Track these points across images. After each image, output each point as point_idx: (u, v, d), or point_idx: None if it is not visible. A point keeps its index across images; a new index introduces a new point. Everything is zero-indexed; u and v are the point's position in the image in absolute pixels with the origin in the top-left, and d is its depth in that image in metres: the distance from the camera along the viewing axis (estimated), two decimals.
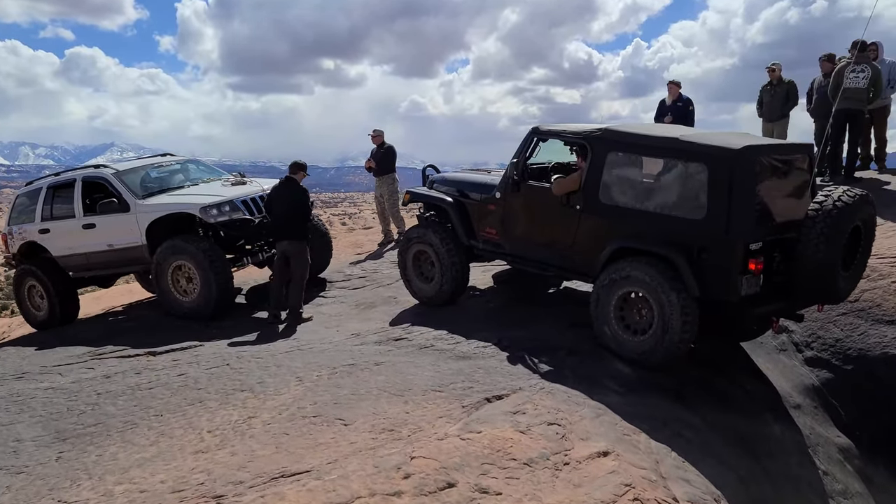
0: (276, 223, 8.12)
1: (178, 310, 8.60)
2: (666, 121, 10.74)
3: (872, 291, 7.19)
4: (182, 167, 9.86)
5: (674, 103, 11.00)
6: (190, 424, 5.12)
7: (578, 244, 6.49)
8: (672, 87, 11.04)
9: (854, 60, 9.68)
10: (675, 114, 10.85)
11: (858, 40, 9.78)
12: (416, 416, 4.77)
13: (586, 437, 4.57)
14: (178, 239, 8.43)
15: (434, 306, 7.78)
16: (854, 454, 6.54)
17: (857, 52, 9.71)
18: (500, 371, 5.69)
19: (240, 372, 6.16)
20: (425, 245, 7.69)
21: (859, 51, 9.71)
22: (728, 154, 5.55)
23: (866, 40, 9.81)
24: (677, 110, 10.90)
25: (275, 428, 4.76)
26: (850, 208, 5.65)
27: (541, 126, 7.00)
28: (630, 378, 5.78)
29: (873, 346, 6.97)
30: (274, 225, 8.18)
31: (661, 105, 11.19)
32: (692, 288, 5.60)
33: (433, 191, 7.95)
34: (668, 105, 11.06)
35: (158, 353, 7.20)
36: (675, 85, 11.04)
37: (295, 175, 8.16)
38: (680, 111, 10.90)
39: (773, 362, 7.14)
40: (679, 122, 10.61)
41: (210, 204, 8.38)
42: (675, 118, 10.72)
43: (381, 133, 11.60)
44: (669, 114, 10.90)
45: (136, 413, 5.54)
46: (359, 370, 5.79)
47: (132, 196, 8.78)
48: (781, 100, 10.61)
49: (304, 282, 8.14)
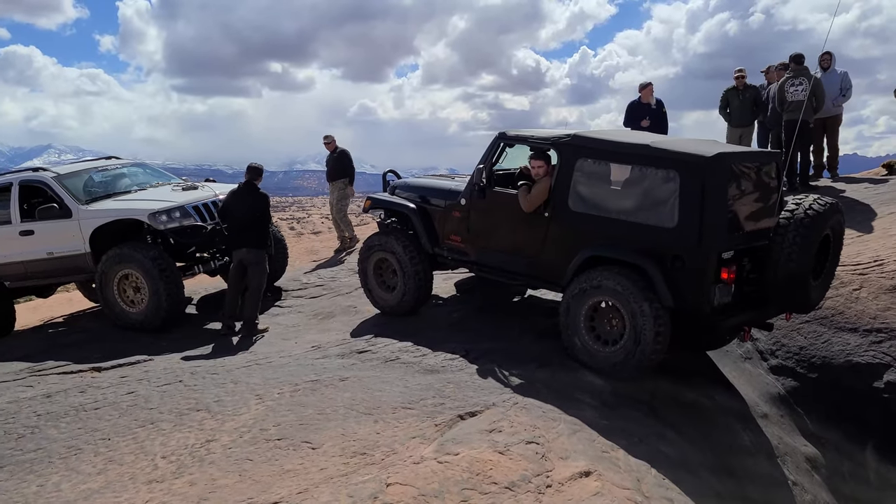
0: (235, 230, 7.75)
1: (125, 321, 8.14)
2: (644, 124, 10.22)
3: (835, 299, 7.22)
4: (129, 171, 9.39)
5: (648, 106, 10.53)
6: (141, 449, 4.74)
7: (547, 252, 6.33)
8: (649, 88, 10.55)
9: (792, 74, 9.89)
10: (651, 116, 10.38)
11: (795, 54, 10.05)
12: (388, 436, 4.52)
13: (566, 456, 4.39)
14: (126, 246, 7.99)
15: (396, 316, 7.54)
16: (820, 463, 6.54)
17: (794, 65, 9.94)
18: (471, 385, 5.48)
19: (194, 389, 5.79)
20: (387, 253, 7.44)
21: (797, 63, 9.93)
22: (700, 161, 5.47)
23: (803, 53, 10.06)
24: (652, 112, 10.47)
25: (236, 453, 4.44)
26: (821, 216, 5.65)
27: (508, 131, 6.84)
28: (602, 390, 5.64)
29: (837, 353, 7.00)
30: (232, 231, 7.80)
31: (634, 108, 10.58)
32: (665, 297, 5.50)
33: (395, 197, 7.72)
34: (644, 106, 10.51)
35: (104, 369, 6.76)
36: (649, 87, 10.55)
37: (255, 180, 7.83)
38: (655, 113, 10.49)
39: (739, 371, 7.12)
40: (655, 125, 10.26)
41: (159, 210, 7.96)
42: (652, 122, 10.29)
43: (332, 139, 11.38)
44: (648, 117, 10.35)
45: (81, 437, 5.12)
46: (323, 386, 5.50)
47: (74, 201, 8.29)
48: (750, 105, 10.68)
49: (262, 292, 7.81)
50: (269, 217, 7.97)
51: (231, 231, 7.81)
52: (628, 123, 10.52)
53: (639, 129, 10.16)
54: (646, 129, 10.02)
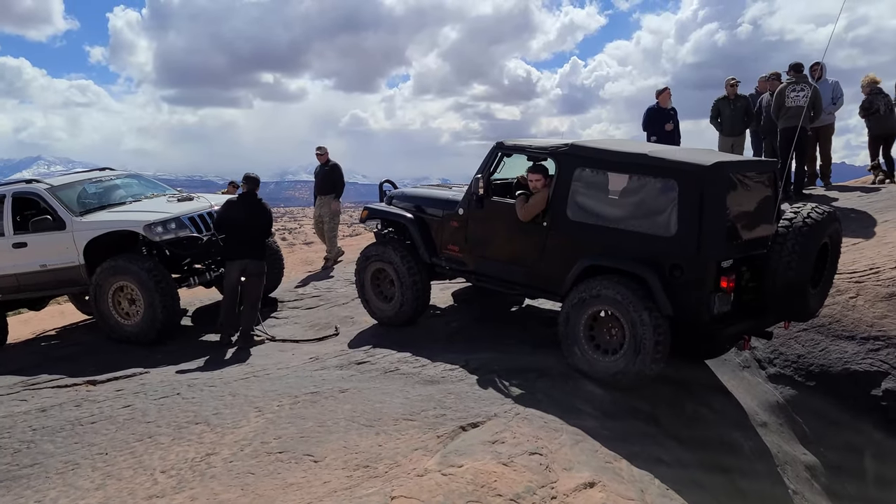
0: (235, 240, 7.71)
1: (120, 334, 8.07)
2: (668, 128, 10.32)
3: (832, 307, 7.24)
4: (123, 182, 9.32)
5: (668, 111, 10.55)
6: (140, 464, 4.67)
7: (545, 262, 6.32)
8: (666, 92, 10.55)
9: (794, 80, 10.00)
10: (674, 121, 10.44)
11: (794, 63, 10.19)
12: (391, 448, 4.48)
13: (569, 467, 4.37)
14: (121, 258, 7.92)
15: (394, 327, 7.51)
16: (820, 471, 6.55)
17: (795, 73, 10.06)
18: (472, 396, 5.45)
19: (192, 402, 5.72)
20: (384, 263, 7.42)
21: (796, 71, 10.06)
22: (699, 170, 5.48)
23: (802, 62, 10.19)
24: (674, 118, 10.53)
25: (238, 466, 4.38)
26: (819, 225, 5.67)
27: (505, 141, 6.84)
28: (603, 400, 5.62)
29: (834, 361, 7.01)
30: (231, 242, 7.76)
31: (653, 113, 10.59)
32: (665, 306, 5.49)
33: (392, 207, 7.70)
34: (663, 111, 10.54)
35: (99, 383, 6.66)
36: (669, 92, 10.57)
37: (254, 190, 7.80)
38: (675, 119, 10.57)
39: (737, 380, 7.12)
40: (676, 130, 10.43)
41: (155, 221, 7.90)
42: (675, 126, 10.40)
43: (326, 150, 11.22)
44: (671, 121, 10.40)
45: (78, 451, 5.04)
46: (323, 398, 5.45)
47: (68, 213, 8.22)
48: (741, 115, 10.75)
49: (259, 303, 7.77)
50: (271, 227, 7.95)
51: (230, 241, 7.76)
52: (648, 128, 10.57)
53: (662, 133, 10.33)
54: (670, 133, 10.23)
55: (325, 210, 11.15)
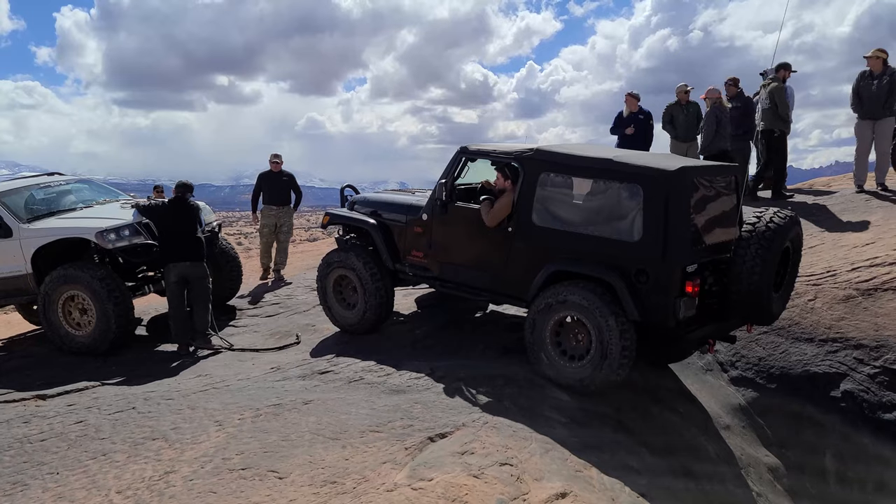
0: (167, 245, 7.58)
1: (71, 345, 7.76)
2: (627, 132, 10.68)
3: (791, 310, 7.33)
4: (73, 188, 8.97)
5: (634, 115, 10.86)
6: (94, 483, 4.46)
7: (511, 268, 6.27)
8: (630, 98, 10.90)
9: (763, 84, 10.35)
10: (636, 125, 10.74)
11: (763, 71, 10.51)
12: (358, 462, 4.36)
13: (540, 478, 4.31)
14: (71, 267, 7.62)
15: (357, 334, 7.38)
16: (782, 472, 6.62)
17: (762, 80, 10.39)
18: (439, 405, 5.36)
19: (149, 416, 5.50)
20: (347, 269, 7.28)
21: (763, 77, 10.35)
22: (664, 175, 5.49)
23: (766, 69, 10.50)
24: (638, 122, 10.80)
25: (199, 485, 4.21)
26: (782, 229, 5.73)
27: (469, 146, 6.78)
28: (570, 407, 5.59)
29: (795, 363, 7.12)
30: (164, 247, 7.61)
31: (619, 118, 10.98)
32: (631, 311, 5.49)
33: (354, 212, 7.57)
34: (625, 116, 10.90)
35: (49, 397, 6.38)
36: (632, 97, 10.89)
37: (185, 195, 7.70)
38: (641, 124, 10.83)
39: (700, 383, 7.17)
40: (640, 135, 10.67)
41: (108, 228, 7.60)
42: (637, 130, 10.67)
43: (282, 159, 10.85)
44: (632, 125, 10.73)
45: (27, 471, 4.79)
46: (286, 411, 5.29)
47: (14, 219, 7.87)
48: (694, 120, 10.92)
49: (210, 303, 7.62)
50: (201, 226, 7.86)
51: (162, 246, 7.63)
52: (614, 132, 10.99)
53: (623, 137, 10.74)
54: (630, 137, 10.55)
55: (285, 220, 10.77)
